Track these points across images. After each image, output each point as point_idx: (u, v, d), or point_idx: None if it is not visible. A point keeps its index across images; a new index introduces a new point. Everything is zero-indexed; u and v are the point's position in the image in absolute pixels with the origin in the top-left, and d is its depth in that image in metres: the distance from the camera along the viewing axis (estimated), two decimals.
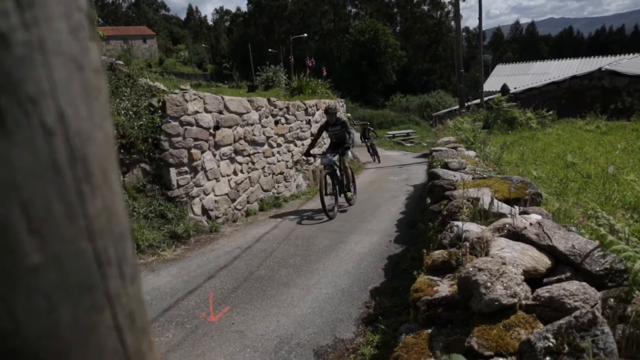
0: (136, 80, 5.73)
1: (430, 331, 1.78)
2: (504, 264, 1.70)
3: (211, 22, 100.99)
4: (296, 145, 8.37)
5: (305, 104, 8.77)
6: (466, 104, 14.63)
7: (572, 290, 1.54)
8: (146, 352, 0.33)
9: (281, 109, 7.85)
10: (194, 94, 5.67)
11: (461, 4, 13.75)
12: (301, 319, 3.20)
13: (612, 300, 1.55)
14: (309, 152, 6.80)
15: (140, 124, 5.03)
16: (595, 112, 10.78)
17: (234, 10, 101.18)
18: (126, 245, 0.30)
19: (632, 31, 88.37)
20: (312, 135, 8.33)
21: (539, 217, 2.33)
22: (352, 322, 3.14)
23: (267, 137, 7.35)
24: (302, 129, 8.61)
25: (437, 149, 6.28)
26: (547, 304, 1.55)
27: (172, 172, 5.35)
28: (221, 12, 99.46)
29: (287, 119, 8.02)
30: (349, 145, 6.45)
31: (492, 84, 21.79)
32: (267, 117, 7.36)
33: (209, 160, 5.91)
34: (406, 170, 11.54)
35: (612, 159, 5.23)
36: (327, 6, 62.88)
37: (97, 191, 0.27)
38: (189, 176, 5.57)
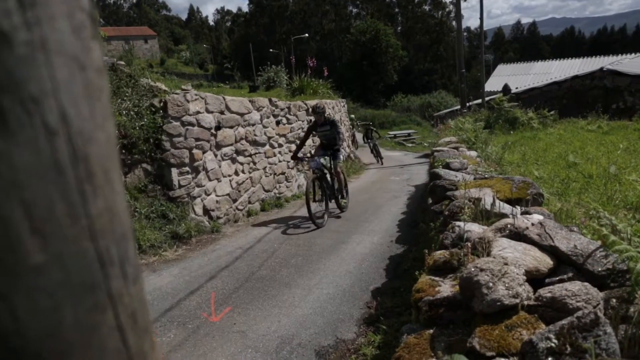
0: (138, 80, 5.75)
1: (432, 331, 1.77)
2: (506, 264, 1.70)
3: (212, 23, 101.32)
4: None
5: (306, 104, 8.77)
6: (467, 104, 14.63)
7: (574, 290, 1.53)
8: (148, 352, 0.33)
9: (282, 109, 7.85)
10: (196, 94, 5.68)
11: (462, 3, 13.76)
12: (302, 319, 3.20)
13: (614, 300, 1.55)
14: (296, 155, 6.28)
15: (141, 124, 5.04)
16: (596, 112, 10.76)
17: (235, 10, 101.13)
18: (128, 245, 0.30)
19: (633, 31, 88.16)
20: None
21: (540, 218, 2.33)
22: (353, 322, 3.14)
23: (268, 138, 7.35)
24: (303, 129, 8.58)
25: (438, 149, 6.28)
26: (549, 304, 1.55)
27: (174, 172, 5.35)
28: (222, 13, 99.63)
29: (288, 119, 8.03)
30: (339, 146, 5.99)
31: (493, 84, 21.77)
32: (268, 118, 7.36)
33: (210, 160, 5.91)
34: (407, 170, 11.53)
35: (613, 159, 5.21)
36: (328, 6, 62.92)
37: (99, 191, 0.27)
38: (190, 176, 5.57)
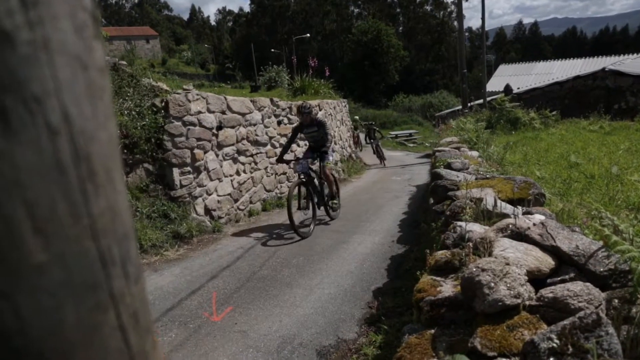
0: (139, 80, 5.76)
1: (433, 331, 1.77)
2: (508, 264, 1.70)
3: (214, 23, 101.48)
4: (299, 145, 8.36)
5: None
6: (469, 104, 14.61)
7: (576, 290, 1.53)
8: (150, 352, 0.33)
9: (284, 109, 7.86)
10: (197, 94, 5.68)
11: (464, 4, 13.76)
12: (304, 319, 3.20)
13: (616, 301, 1.55)
14: (282, 158, 5.86)
15: (143, 124, 5.05)
16: (598, 112, 10.72)
17: (236, 10, 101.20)
18: (130, 244, 0.30)
19: (635, 31, 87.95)
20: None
21: (542, 218, 2.32)
22: (354, 322, 3.14)
23: (269, 137, 7.35)
24: None
25: (440, 149, 6.27)
26: (550, 304, 1.54)
27: (175, 172, 5.36)
28: (224, 13, 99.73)
29: (289, 119, 8.03)
30: (327, 148, 5.69)
31: (495, 84, 21.74)
32: (269, 117, 7.36)
33: (211, 160, 5.91)
34: (409, 170, 11.53)
35: (615, 159, 5.20)
36: (330, 6, 62.92)
37: (100, 190, 0.27)
38: (191, 176, 5.57)
